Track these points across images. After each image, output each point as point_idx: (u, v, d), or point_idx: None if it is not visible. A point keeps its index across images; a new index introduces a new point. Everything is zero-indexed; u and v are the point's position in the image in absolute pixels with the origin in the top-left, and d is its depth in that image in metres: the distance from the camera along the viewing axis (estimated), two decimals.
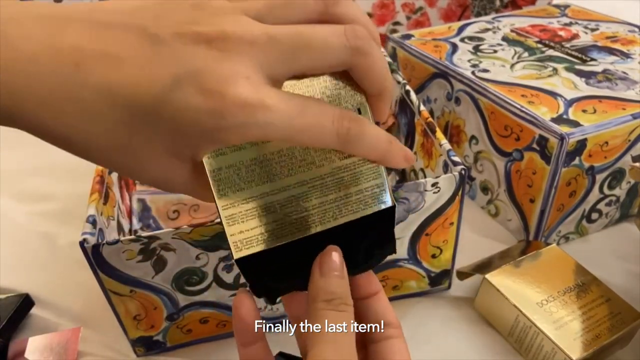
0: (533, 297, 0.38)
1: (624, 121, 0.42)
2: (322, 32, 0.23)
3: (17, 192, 0.56)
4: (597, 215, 0.47)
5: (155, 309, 0.36)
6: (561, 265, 0.40)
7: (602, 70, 0.49)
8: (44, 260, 0.48)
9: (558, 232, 0.46)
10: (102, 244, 0.32)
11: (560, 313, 0.37)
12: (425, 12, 0.75)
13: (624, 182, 0.46)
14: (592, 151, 0.42)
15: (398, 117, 0.50)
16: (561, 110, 0.43)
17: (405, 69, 0.57)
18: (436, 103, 0.54)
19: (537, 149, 0.43)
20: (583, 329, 0.36)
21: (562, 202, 0.44)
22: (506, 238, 0.48)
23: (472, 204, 0.52)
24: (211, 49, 0.21)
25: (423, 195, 0.35)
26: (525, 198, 0.46)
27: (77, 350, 0.39)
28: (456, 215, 0.38)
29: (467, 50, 0.54)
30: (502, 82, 0.48)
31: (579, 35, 0.57)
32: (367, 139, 0.24)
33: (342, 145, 0.24)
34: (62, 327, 0.41)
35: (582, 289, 0.39)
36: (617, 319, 0.37)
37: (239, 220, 0.24)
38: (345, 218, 0.25)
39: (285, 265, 0.26)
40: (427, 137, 0.43)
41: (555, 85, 0.47)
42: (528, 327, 0.37)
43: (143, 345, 0.38)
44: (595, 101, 0.45)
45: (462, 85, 0.50)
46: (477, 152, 0.50)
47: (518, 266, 0.40)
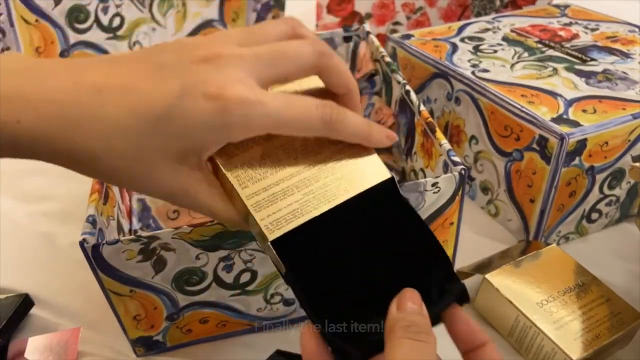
0: (533, 297, 0.38)
1: (624, 121, 0.42)
2: (294, 44, 0.28)
3: (17, 192, 0.56)
4: (597, 215, 0.47)
5: (155, 309, 0.36)
6: (561, 266, 0.40)
7: (602, 70, 0.49)
8: (44, 260, 0.48)
9: (558, 232, 0.46)
10: (102, 244, 0.32)
11: (560, 313, 0.37)
12: (425, 12, 0.75)
13: (624, 182, 0.46)
14: (592, 151, 0.42)
15: (398, 117, 0.50)
16: (561, 110, 0.43)
17: (405, 69, 0.57)
18: (436, 103, 0.54)
19: (537, 149, 0.43)
20: (583, 329, 0.36)
21: (562, 202, 0.44)
22: (506, 238, 0.48)
23: (472, 204, 0.52)
24: (209, 65, 0.26)
25: (423, 195, 0.35)
26: (525, 198, 0.45)
27: (77, 350, 0.39)
28: (456, 215, 0.38)
29: (467, 50, 0.54)
30: (502, 82, 0.48)
31: (579, 35, 0.57)
32: (348, 122, 0.28)
33: (327, 129, 0.28)
34: (62, 327, 0.41)
35: (582, 289, 0.39)
36: (617, 319, 0.37)
37: (264, 206, 0.27)
38: (355, 190, 0.28)
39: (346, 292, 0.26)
40: (427, 137, 0.43)
41: (555, 85, 0.47)
42: (528, 327, 0.36)
43: (143, 346, 0.38)
44: (595, 101, 0.45)
45: (462, 85, 0.50)
46: (477, 152, 0.50)
47: (518, 266, 0.40)
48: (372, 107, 0.53)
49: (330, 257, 0.27)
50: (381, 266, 0.27)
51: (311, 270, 0.26)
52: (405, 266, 0.27)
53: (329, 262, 0.27)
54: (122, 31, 0.69)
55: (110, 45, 0.69)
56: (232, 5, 0.74)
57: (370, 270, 0.27)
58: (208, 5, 0.73)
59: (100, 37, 0.68)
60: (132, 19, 0.68)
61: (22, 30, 0.62)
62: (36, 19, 0.63)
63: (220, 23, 0.75)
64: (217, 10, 0.74)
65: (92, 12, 0.66)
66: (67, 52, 0.67)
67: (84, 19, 0.66)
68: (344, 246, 0.27)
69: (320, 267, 0.26)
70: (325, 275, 0.26)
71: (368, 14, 0.74)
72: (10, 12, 0.61)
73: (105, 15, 0.67)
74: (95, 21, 0.67)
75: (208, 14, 0.73)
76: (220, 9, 0.74)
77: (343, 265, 0.27)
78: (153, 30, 0.70)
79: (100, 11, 0.66)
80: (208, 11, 0.73)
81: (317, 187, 0.28)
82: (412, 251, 0.27)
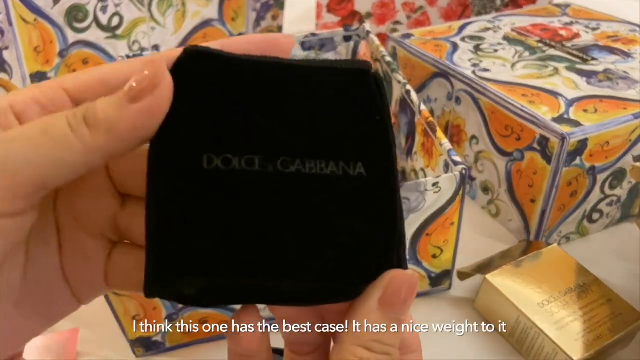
0: (534, 298, 0.37)
1: (625, 121, 0.42)
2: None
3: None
4: (598, 215, 0.47)
5: (155, 309, 0.36)
6: (562, 266, 0.40)
7: (603, 69, 0.49)
8: None
9: (559, 232, 0.46)
10: None
11: (561, 314, 0.36)
12: (426, 11, 0.75)
13: (625, 182, 0.46)
14: (593, 151, 0.42)
15: (399, 116, 0.50)
16: (562, 110, 0.43)
17: (405, 68, 0.57)
18: (437, 103, 0.54)
19: (538, 149, 0.43)
20: (584, 329, 0.36)
21: (563, 202, 0.44)
22: (507, 238, 0.48)
23: (473, 204, 0.52)
24: None
25: (423, 195, 0.35)
26: (526, 198, 0.45)
27: (76, 350, 0.39)
28: (457, 215, 0.38)
29: (468, 49, 0.54)
30: (503, 82, 0.48)
31: (579, 35, 0.57)
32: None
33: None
34: (60, 328, 0.41)
35: (583, 289, 0.38)
36: (618, 319, 0.36)
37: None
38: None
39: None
40: (427, 137, 0.43)
41: (556, 84, 0.47)
42: (529, 328, 0.36)
43: (142, 346, 0.38)
44: (596, 101, 0.44)
45: (462, 84, 0.50)
46: (477, 152, 0.50)
47: (519, 266, 0.40)
48: None
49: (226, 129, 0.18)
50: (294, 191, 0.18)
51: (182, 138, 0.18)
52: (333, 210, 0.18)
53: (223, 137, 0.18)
54: (121, 30, 0.68)
55: (110, 44, 0.69)
56: (231, 5, 0.74)
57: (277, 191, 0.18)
58: (208, 4, 0.72)
59: (100, 36, 0.68)
60: (131, 18, 0.68)
61: (21, 29, 0.62)
62: (35, 18, 0.62)
63: (219, 23, 0.75)
64: (217, 10, 0.73)
65: (91, 12, 0.66)
66: (66, 52, 0.66)
67: (83, 18, 0.66)
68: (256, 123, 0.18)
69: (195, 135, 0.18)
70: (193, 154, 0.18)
71: (368, 14, 0.74)
72: (9, 11, 0.60)
73: (104, 15, 0.67)
74: (94, 20, 0.66)
75: (208, 14, 0.73)
76: (220, 9, 0.73)
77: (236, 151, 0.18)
78: (152, 29, 0.70)
79: (99, 10, 0.66)
80: (208, 11, 0.73)
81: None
82: (354, 185, 0.19)
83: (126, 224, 0.21)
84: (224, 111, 0.18)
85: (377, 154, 0.19)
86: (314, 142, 0.19)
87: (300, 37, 0.53)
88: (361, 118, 0.19)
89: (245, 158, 0.18)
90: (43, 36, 0.65)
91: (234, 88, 0.18)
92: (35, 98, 0.18)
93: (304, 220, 0.18)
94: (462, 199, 0.37)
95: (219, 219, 0.17)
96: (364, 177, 0.19)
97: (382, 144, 0.20)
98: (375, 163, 0.19)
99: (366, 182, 0.19)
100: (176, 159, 0.18)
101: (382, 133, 0.20)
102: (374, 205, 0.19)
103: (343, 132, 0.19)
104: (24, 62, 0.65)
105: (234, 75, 0.19)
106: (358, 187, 0.19)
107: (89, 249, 0.21)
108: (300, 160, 0.18)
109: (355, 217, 0.19)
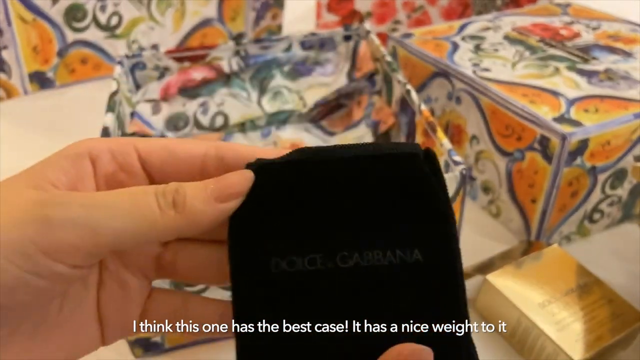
0: (535, 298, 0.37)
1: (626, 121, 0.42)
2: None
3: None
4: (599, 215, 0.47)
5: None
6: (563, 266, 0.40)
7: (604, 69, 0.49)
8: None
9: (560, 232, 0.46)
10: None
11: (562, 314, 0.36)
12: (426, 10, 0.75)
13: (626, 182, 0.46)
14: (594, 151, 0.42)
15: (399, 116, 0.50)
16: (563, 110, 0.43)
17: (405, 68, 0.57)
18: (437, 102, 0.54)
19: (538, 149, 0.43)
20: (585, 330, 0.36)
21: (564, 202, 0.44)
22: (507, 238, 0.48)
23: (473, 204, 0.52)
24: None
25: None
26: (527, 198, 0.45)
27: None
28: (457, 215, 0.38)
29: (468, 49, 0.54)
30: (504, 82, 0.48)
31: (580, 34, 0.56)
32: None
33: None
34: None
35: (584, 290, 0.38)
36: (619, 320, 0.36)
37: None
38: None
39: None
40: (428, 137, 0.43)
41: (556, 84, 0.47)
42: (530, 329, 0.36)
43: (141, 347, 0.38)
44: (597, 100, 0.44)
45: (463, 84, 0.49)
46: (478, 152, 0.50)
47: (519, 267, 0.39)
48: (373, 107, 0.53)
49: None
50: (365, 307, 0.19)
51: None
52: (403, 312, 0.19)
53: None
54: (120, 30, 0.68)
55: (109, 44, 0.69)
56: (231, 4, 0.74)
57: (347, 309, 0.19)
58: (207, 4, 0.72)
59: (99, 35, 0.68)
60: (130, 17, 0.68)
61: (20, 29, 0.62)
62: (34, 18, 0.62)
63: (219, 22, 0.74)
64: (216, 9, 0.73)
65: (90, 11, 0.65)
66: (64, 51, 0.66)
67: (82, 17, 0.65)
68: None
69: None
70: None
71: (368, 13, 0.73)
72: (8, 11, 0.60)
73: (103, 14, 0.66)
74: (93, 20, 0.66)
75: (207, 13, 0.73)
76: (219, 8, 0.73)
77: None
78: (151, 29, 0.70)
79: (98, 10, 0.66)
80: (207, 10, 0.73)
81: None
82: (418, 283, 0.19)
83: (169, 261, 0.23)
84: (286, 214, 0.20)
85: (434, 237, 0.20)
86: (369, 234, 0.20)
87: (300, 36, 0.53)
88: (415, 203, 0.20)
89: (308, 258, 0.20)
90: (42, 35, 0.64)
91: (293, 192, 0.20)
92: (110, 149, 0.21)
93: (361, 319, 0.19)
94: (463, 199, 0.37)
95: (284, 322, 0.19)
96: (420, 263, 0.20)
97: (438, 226, 0.20)
98: (432, 246, 0.20)
99: (424, 269, 0.20)
100: (249, 265, 0.20)
101: (437, 215, 0.20)
102: (435, 295, 0.20)
103: (397, 219, 0.20)
104: (23, 61, 0.64)
105: (291, 180, 0.20)
106: (416, 274, 0.20)
107: (132, 287, 0.22)
108: (358, 254, 0.20)
109: (415, 310, 0.19)
